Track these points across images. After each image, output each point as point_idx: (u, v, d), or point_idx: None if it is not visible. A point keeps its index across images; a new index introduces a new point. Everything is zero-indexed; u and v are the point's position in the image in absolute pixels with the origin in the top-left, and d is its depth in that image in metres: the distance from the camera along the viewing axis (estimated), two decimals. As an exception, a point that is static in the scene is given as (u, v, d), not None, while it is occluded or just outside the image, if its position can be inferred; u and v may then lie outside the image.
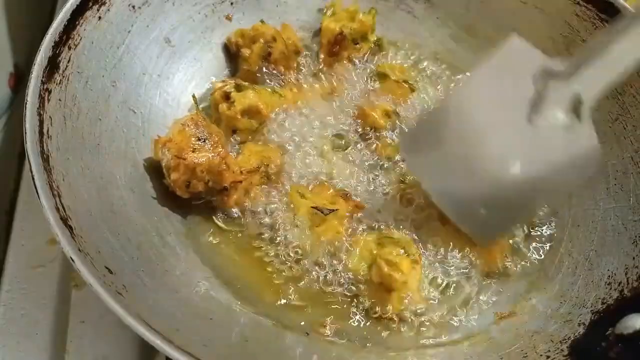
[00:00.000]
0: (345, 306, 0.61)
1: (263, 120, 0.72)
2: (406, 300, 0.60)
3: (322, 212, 0.63)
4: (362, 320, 0.60)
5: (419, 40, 0.86)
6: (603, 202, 0.68)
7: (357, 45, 0.81)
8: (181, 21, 0.75)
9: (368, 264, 0.61)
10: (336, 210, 0.64)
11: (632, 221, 0.64)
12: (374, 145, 0.73)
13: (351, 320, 0.60)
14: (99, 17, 0.64)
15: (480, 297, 0.64)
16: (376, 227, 0.66)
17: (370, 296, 0.61)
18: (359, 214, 0.66)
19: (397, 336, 0.60)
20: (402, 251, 0.60)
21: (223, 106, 0.70)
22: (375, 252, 0.61)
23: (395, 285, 0.59)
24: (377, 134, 0.74)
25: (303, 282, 0.62)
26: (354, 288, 0.62)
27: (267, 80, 0.78)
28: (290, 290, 0.61)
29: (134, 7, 0.69)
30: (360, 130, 0.74)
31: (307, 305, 0.61)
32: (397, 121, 0.75)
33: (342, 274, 0.62)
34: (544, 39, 0.78)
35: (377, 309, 0.60)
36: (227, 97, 0.70)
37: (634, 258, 0.60)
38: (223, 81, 0.74)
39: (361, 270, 0.61)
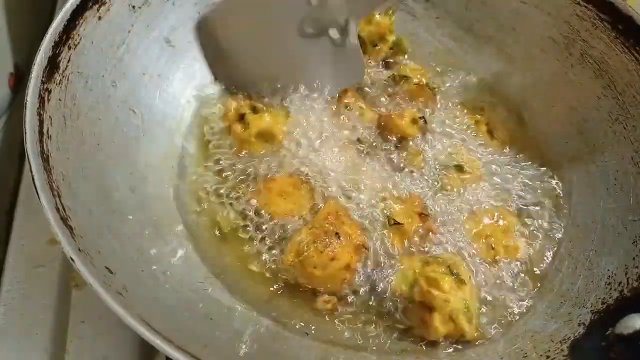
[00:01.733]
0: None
1: (277, 144, 0.70)
2: (452, 327, 0.57)
3: (389, 222, 0.63)
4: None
5: (419, 40, 0.86)
6: (603, 202, 0.68)
7: (377, 47, 0.80)
8: (181, 21, 0.75)
9: (409, 284, 0.59)
10: (400, 224, 0.63)
11: (632, 221, 0.64)
12: (404, 154, 0.71)
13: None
14: (99, 17, 0.64)
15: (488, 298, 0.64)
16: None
17: (411, 318, 0.59)
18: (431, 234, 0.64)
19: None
20: (445, 269, 0.58)
21: (237, 127, 0.69)
22: (417, 271, 0.60)
23: (435, 303, 0.56)
24: (405, 142, 0.72)
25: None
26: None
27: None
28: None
29: (133, 7, 0.69)
30: (385, 139, 0.72)
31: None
32: (425, 127, 0.73)
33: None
34: (544, 39, 0.79)
35: (414, 331, 0.59)
36: (241, 117, 0.70)
37: (634, 258, 0.60)
38: (237, 100, 0.73)
39: (400, 289, 0.60)
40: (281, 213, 0.64)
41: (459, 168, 0.71)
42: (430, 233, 0.64)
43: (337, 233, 0.60)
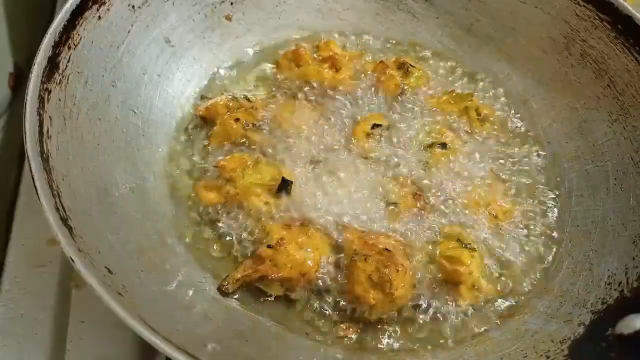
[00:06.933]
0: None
1: None
2: (477, 293, 0.61)
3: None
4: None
5: (419, 40, 0.87)
6: (603, 202, 0.68)
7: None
8: (181, 21, 0.75)
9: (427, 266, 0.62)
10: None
11: (632, 221, 0.64)
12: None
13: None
14: (99, 17, 0.64)
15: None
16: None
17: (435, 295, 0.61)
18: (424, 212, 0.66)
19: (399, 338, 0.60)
20: (456, 243, 0.62)
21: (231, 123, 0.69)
22: (433, 252, 0.62)
23: (462, 279, 0.60)
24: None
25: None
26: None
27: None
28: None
29: (133, 7, 0.69)
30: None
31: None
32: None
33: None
34: (544, 39, 0.79)
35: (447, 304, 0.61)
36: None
37: (634, 258, 0.60)
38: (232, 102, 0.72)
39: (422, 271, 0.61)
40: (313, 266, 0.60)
41: (443, 145, 0.71)
42: (427, 211, 0.66)
43: (386, 249, 0.59)
